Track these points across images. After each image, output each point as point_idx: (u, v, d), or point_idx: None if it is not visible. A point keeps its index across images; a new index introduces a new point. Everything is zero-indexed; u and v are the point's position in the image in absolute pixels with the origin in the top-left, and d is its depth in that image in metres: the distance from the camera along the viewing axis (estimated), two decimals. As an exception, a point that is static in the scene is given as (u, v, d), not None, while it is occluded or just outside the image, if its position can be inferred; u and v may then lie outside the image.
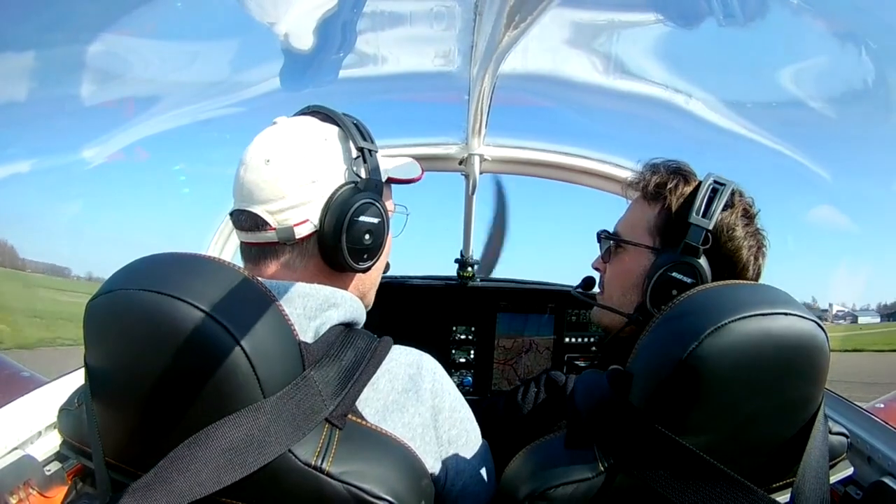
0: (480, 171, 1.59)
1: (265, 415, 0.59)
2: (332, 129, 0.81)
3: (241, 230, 0.79)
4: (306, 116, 0.84)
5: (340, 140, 0.80)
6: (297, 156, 0.76)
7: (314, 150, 0.77)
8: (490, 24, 0.82)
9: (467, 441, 0.79)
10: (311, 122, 0.81)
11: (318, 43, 1.35)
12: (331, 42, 1.37)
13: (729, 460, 0.65)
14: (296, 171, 0.75)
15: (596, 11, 1.27)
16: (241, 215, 0.78)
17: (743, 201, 0.89)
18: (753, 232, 0.88)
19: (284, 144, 0.77)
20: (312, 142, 0.78)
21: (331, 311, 0.74)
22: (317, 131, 0.80)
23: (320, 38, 1.34)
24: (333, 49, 1.40)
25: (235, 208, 0.79)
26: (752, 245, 0.87)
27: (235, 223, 0.80)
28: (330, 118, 0.82)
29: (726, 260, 0.86)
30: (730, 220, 0.86)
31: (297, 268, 0.78)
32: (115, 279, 0.64)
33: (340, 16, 1.29)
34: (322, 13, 1.26)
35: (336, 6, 1.24)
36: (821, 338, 0.65)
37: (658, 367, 0.65)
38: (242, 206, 0.78)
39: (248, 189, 0.77)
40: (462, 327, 1.85)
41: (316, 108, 0.85)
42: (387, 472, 0.65)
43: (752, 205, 0.91)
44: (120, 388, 0.64)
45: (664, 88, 1.46)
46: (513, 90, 1.45)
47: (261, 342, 0.60)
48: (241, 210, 0.78)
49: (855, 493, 1.03)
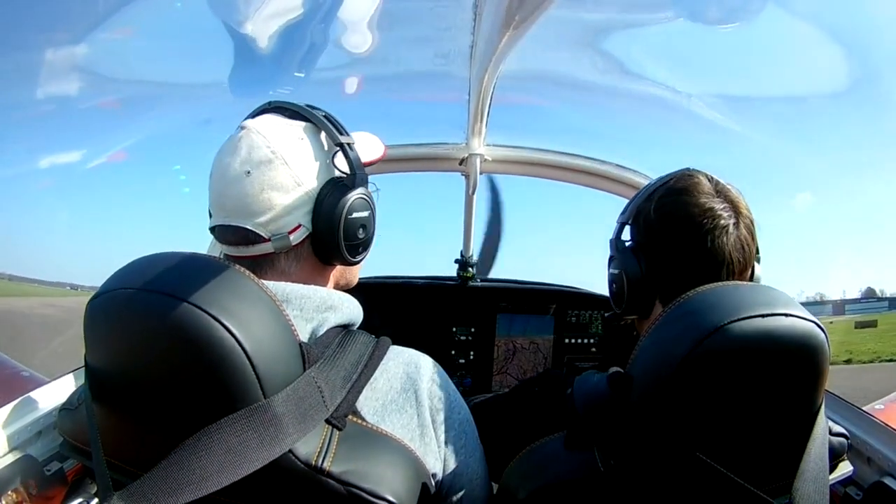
0: (480, 171, 1.59)
1: (266, 415, 0.59)
2: (302, 125, 0.78)
3: (229, 245, 0.76)
4: (270, 115, 0.78)
5: (315, 135, 0.77)
6: (278, 162, 0.73)
7: (293, 152, 0.74)
8: (490, 24, 0.82)
9: (466, 442, 0.79)
10: (281, 122, 0.77)
11: (306, 41, 1.35)
12: (312, 39, 1.37)
13: (729, 461, 0.64)
14: (279, 178, 0.72)
15: (596, 11, 1.27)
16: (228, 230, 0.74)
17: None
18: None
19: (262, 152, 0.73)
20: (289, 144, 0.74)
21: (328, 314, 0.74)
22: (290, 131, 0.76)
23: (306, 37, 1.34)
24: (320, 47, 1.41)
25: (220, 224, 0.75)
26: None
27: (221, 238, 0.76)
28: (297, 114, 0.79)
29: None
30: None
31: (293, 272, 0.77)
32: (115, 278, 0.64)
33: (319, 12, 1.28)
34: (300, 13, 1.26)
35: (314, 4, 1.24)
36: (821, 338, 0.65)
37: (658, 369, 0.65)
38: (228, 221, 0.74)
39: (231, 204, 0.73)
40: (462, 328, 1.85)
41: (277, 104, 0.80)
42: (387, 473, 0.65)
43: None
44: (120, 388, 0.64)
45: (664, 88, 1.47)
46: (513, 90, 1.45)
47: (261, 342, 0.60)
48: (228, 226, 0.74)
49: (855, 494, 1.03)
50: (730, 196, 0.82)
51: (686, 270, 0.80)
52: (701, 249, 0.79)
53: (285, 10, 1.34)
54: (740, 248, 0.80)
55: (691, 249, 0.79)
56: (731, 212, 0.80)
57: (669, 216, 0.82)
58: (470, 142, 1.54)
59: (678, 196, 0.82)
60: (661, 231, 0.82)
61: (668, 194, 0.83)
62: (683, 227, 0.80)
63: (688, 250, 0.80)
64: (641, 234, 0.85)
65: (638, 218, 0.86)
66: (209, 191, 0.77)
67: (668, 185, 0.84)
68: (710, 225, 0.79)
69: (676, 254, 0.81)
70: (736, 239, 0.79)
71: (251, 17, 1.36)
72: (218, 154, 0.76)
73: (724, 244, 0.79)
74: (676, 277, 0.80)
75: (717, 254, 0.78)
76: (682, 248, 0.80)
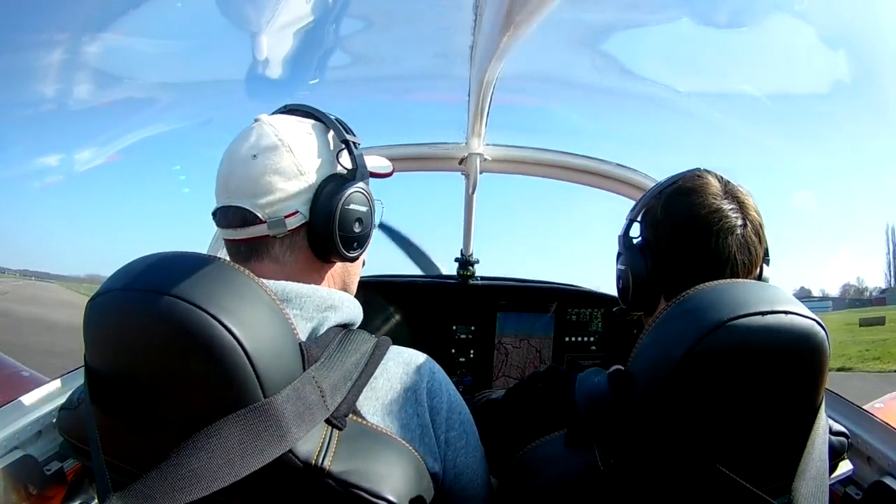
0: (480, 170, 1.59)
1: (265, 415, 0.59)
2: (312, 123, 0.82)
3: (228, 227, 0.78)
4: (285, 115, 0.84)
5: (323, 133, 0.81)
6: (283, 149, 0.76)
7: (300, 142, 0.77)
8: (490, 25, 0.82)
9: (466, 442, 0.79)
10: (292, 119, 0.82)
11: (311, 44, 1.35)
12: (320, 42, 1.38)
13: (729, 460, 0.64)
14: (283, 164, 0.75)
15: (596, 11, 1.27)
16: (228, 211, 0.77)
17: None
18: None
19: (269, 139, 0.76)
20: (297, 135, 0.78)
21: (328, 313, 0.74)
22: (299, 126, 0.80)
23: (312, 41, 1.34)
24: (327, 49, 1.41)
25: (221, 205, 0.78)
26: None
27: (221, 221, 0.79)
28: (310, 114, 0.83)
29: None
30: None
31: (288, 262, 0.78)
32: (115, 278, 0.64)
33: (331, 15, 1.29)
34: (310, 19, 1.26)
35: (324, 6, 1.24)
36: (821, 336, 0.65)
37: (658, 367, 0.65)
38: (229, 202, 0.76)
39: (234, 185, 0.76)
40: (462, 326, 1.85)
41: (294, 106, 0.85)
42: (387, 472, 0.65)
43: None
44: (120, 388, 0.64)
45: (664, 88, 1.47)
46: (513, 90, 1.45)
47: (261, 342, 0.60)
48: (228, 206, 0.77)
49: (855, 494, 1.03)
50: (739, 197, 0.82)
51: (690, 270, 0.80)
52: (705, 249, 0.79)
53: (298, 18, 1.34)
54: (746, 250, 0.80)
55: (696, 249, 0.80)
56: (739, 213, 0.80)
57: (676, 215, 0.82)
58: (470, 142, 1.54)
59: (686, 196, 0.82)
60: (667, 230, 0.83)
61: (676, 193, 0.84)
62: (689, 226, 0.81)
63: (692, 250, 0.80)
64: (649, 231, 0.86)
65: (646, 216, 0.87)
66: (217, 177, 0.79)
67: (678, 185, 0.85)
68: (717, 226, 0.79)
69: (681, 253, 0.81)
70: (742, 240, 0.80)
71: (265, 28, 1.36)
72: (230, 144, 0.80)
73: (730, 245, 0.79)
74: (680, 276, 0.81)
75: (722, 254, 0.79)
76: (686, 248, 0.81)
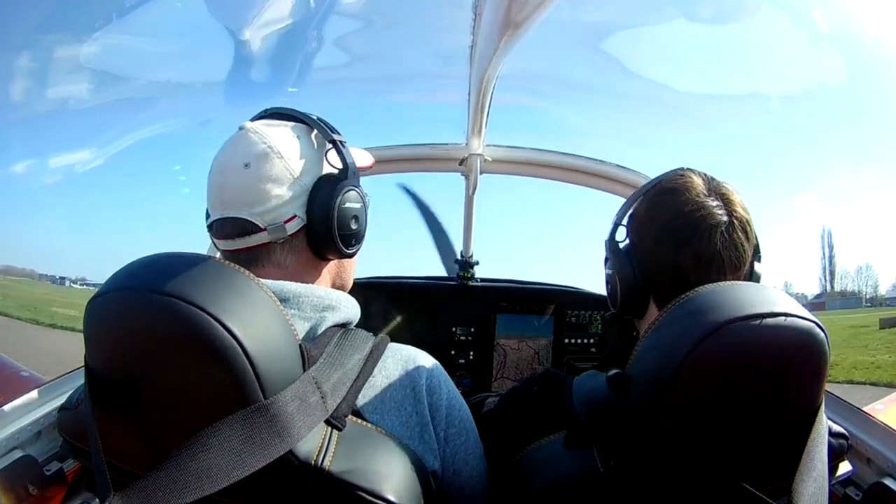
0: (480, 171, 1.59)
1: (265, 416, 0.59)
2: (296, 125, 0.82)
3: (227, 238, 0.78)
4: (267, 119, 0.83)
5: (307, 134, 0.82)
6: (274, 155, 0.76)
7: (288, 147, 0.78)
8: (490, 24, 0.82)
9: (466, 440, 0.79)
10: (276, 123, 0.82)
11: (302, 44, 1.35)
12: (311, 42, 1.38)
13: (729, 462, 0.64)
14: (275, 171, 0.76)
15: (596, 11, 1.27)
16: (227, 223, 0.77)
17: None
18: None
19: (258, 147, 0.76)
20: (284, 140, 0.78)
21: (326, 313, 0.74)
22: (285, 130, 0.80)
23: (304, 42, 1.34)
24: (325, 49, 1.41)
25: (217, 218, 0.78)
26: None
27: (219, 233, 0.78)
28: (293, 117, 0.83)
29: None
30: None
31: (289, 264, 0.79)
32: (115, 278, 0.64)
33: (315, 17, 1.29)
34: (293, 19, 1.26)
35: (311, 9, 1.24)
36: (820, 338, 0.65)
37: (657, 369, 0.65)
38: (226, 213, 0.76)
39: (229, 196, 0.76)
40: (462, 328, 1.85)
41: (275, 110, 0.85)
42: (387, 472, 0.65)
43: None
44: (120, 388, 0.64)
45: (664, 88, 1.47)
46: (513, 90, 1.45)
47: (261, 342, 0.60)
48: (226, 218, 0.76)
49: (855, 495, 1.02)
50: (724, 194, 0.81)
51: (677, 270, 0.79)
52: (690, 248, 0.78)
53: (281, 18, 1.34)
54: (733, 247, 0.78)
55: (681, 248, 0.78)
56: (724, 209, 0.79)
57: (660, 215, 0.81)
58: (470, 142, 1.54)
59: (670, 195, 0.81)
60: (653, 230, 0.82)
61: (659, 194, 0.83)
62: (673, 225, 0.79)
63: (677, 248, 0.79)
64: (634, 234, 0.85)
65: (632, 218, 0.86)
66: (208, 188, 0.79)
67: (660, 185, 0.84)
68: (702, 224, 0.78)
69: (667, 252, 0.80)
70: (727, 237, 0.78)
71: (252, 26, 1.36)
72: (217, 154, 0.80)
73: (715, 242, 0.77)
74: (668, 277, 0.80)
75: (707, 252, 0.77)
76: (671, 247, 0.79)
